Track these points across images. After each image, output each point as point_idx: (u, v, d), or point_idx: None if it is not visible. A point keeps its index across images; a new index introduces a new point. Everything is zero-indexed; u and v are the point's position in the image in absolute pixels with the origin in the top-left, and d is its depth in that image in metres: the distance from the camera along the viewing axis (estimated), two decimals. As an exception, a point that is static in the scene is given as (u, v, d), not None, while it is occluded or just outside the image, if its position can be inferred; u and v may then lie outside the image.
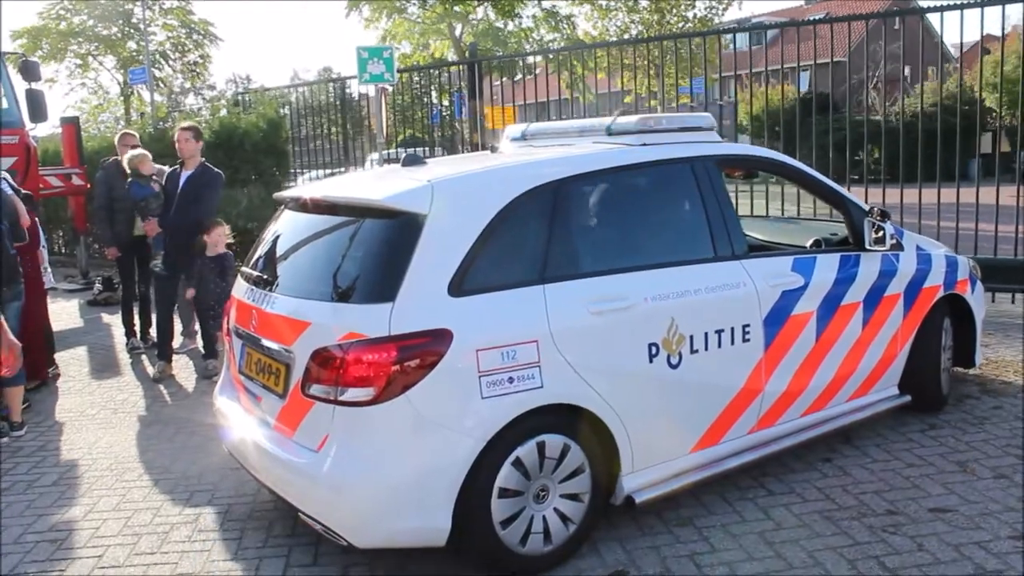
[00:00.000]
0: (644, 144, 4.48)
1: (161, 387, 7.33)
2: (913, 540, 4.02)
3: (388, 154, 12.37)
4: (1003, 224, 8.64)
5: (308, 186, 4.93)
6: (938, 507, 4.35)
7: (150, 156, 8.04)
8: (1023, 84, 10.86)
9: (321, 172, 13.26)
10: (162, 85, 28.46)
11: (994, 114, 21.04)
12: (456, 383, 3.55)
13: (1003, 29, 9.31)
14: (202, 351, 7.76)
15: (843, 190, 5.35)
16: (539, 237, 3.90)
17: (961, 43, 9.16)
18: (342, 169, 13.28)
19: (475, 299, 3.65)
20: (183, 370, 7.77)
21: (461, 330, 3.55)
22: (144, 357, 8.42)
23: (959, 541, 3.99)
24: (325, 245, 4.07)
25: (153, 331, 8.71)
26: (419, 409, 3.50)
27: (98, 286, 11.84)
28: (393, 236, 3.70)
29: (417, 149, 12.30)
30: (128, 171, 7.88)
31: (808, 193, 5.52)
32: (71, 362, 8.28)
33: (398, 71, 12.26)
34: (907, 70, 24.05)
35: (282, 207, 4.66)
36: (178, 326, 8.18)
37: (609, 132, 4.66)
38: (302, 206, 4.37)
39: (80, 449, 5.80)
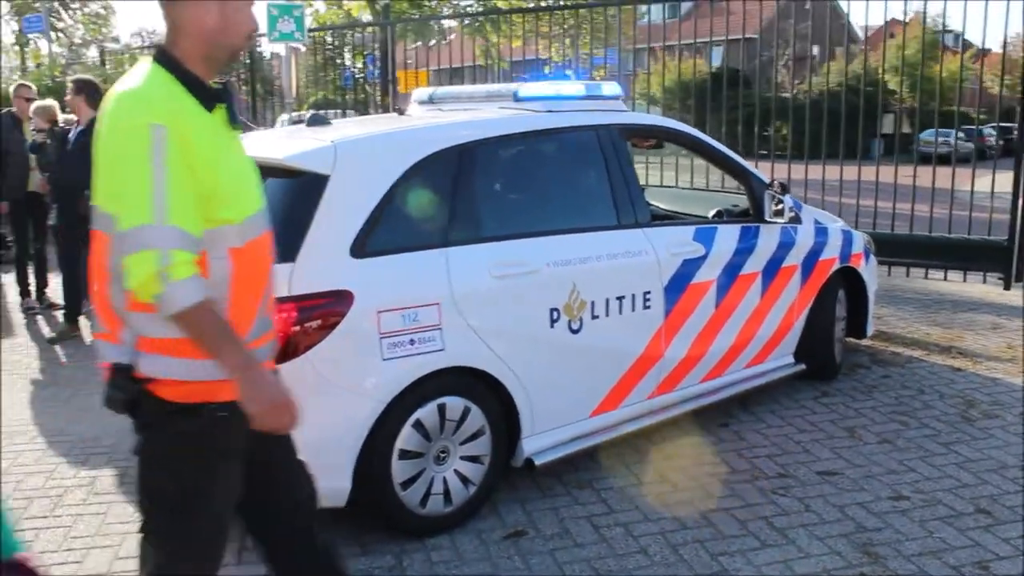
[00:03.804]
0: (550, 111, 4.50)
1: (57, 348, 7.11)
2: (801, 501, 4.18)
3: (299, 115, 12.13)
4: (900, 202, 8.95)
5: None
6: (826, 470, 4.52)
7: (48, 106, 7.79)
8: (922, 69, 11.21)
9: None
10: (61, 36, 27.27)
11: (896, 96, 21.71)
12: (357, 345, 3.53)
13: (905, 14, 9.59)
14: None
15: (745, 163, 5.47)
16: (443, 200, 3.89)
17: (866, 26, 9.43)
18: (251, 128, 12.98)
19: (377, 261, 3.63)
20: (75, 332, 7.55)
21: (363, 291, 3.54)
22: (40, 318, 8.15)
23: (843, 502, 4.16)
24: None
25: (49, 291, 8.45)
26: (319, 370, 3.48)
27: (-10, 243, 11.39)
28: (295, 196, 3.65)
29: (329, 111, 12.10)
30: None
31: (711, 165, 5.62)
32: (-40, 322, 7.97)
33: (310, 31, 12.02)
34: (816, 50, 24.62)
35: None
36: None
37: (516, 98, 4.66)
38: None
39: (-32, 411, 5.60)
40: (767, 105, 11.69)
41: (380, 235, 3.66)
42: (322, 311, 3.46)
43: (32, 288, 8.43)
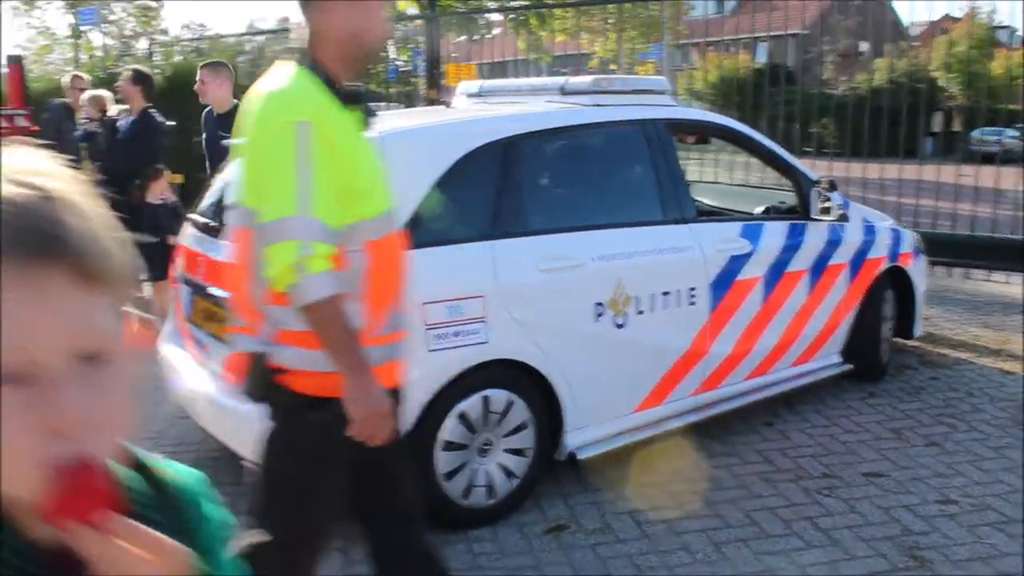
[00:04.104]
0: (597, 104, 4.48)
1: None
2: (846, 503, 4.13)
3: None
4: (947, 200, 8.81)
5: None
6: (872, 472, 4.46)
7: (99, 96, 7.93)
8: (969, 67, 11.01)
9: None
10: (113, 28, 27.71)
11: (946, 93, 21.35)
12: (403, 336, 3.54)
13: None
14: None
15: (792, 159, 5.41)
16: (489, 193, 3.90)
17: (912, 22, 9.26)
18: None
19: (423, 252, 3.63)
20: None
21: (408, 283, 3.54)
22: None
23: (889, 504, 4.10)
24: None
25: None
26: (365, 360, 3.50)
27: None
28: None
29: (373, 104, 12.10)
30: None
31: (758, 160, 5.57)
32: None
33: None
34: (866, 46, 24.27)
35: (232, 155, 4.59)
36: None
37: (563, 91, 4.65)
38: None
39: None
40: (813, 102, 11.49)
41: (426, 227, 3.67)
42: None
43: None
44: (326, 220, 2.11)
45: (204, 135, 6.61)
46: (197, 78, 6.44)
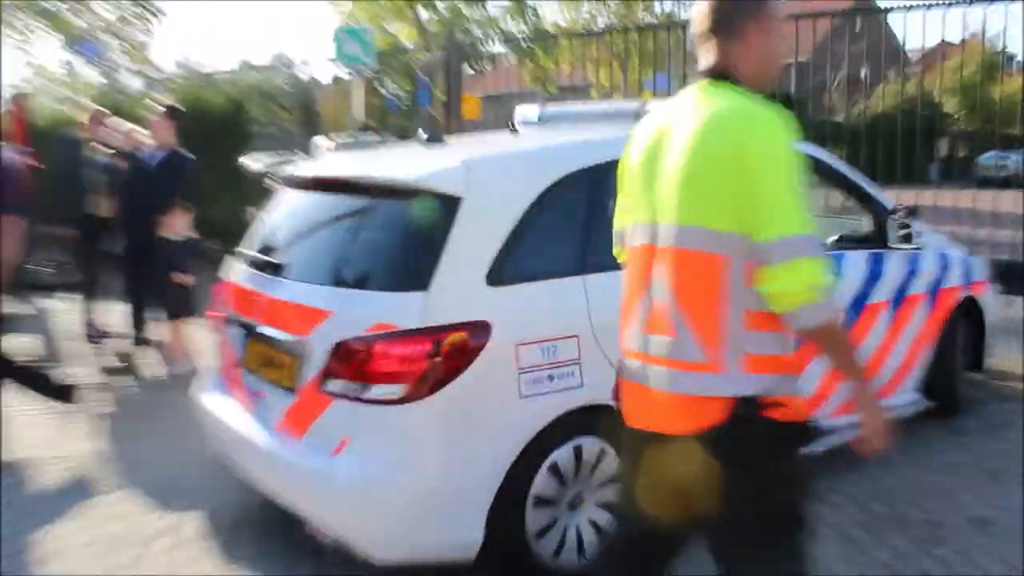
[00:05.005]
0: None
1: (126, 379, 6.83)
2: (959, 554, 3.80)
3: (338, 141, 11.87)
4: (955, 225, 8.56)
5: (318, 164, 4.54)
6: (977, 517, 4.14)
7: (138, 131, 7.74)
8: (975, 92, 10.84)
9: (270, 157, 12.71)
10: (107, 66, 27.44)
11: (951, 119, 21.25)
12: (494, 381, 3.22)
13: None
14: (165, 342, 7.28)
15: (869, 185, 5.12)
16: (579, 224, 3.58)
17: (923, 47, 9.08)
18: (295, 154, 12.74)
19: (514, 289, 3.33)
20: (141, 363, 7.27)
21: (500, 322, 3.23)
22: (103, 344, 7.86)
23: (1007, 554, 3.78)
24: (346, 228, 3.70)
25: (109, 319, 8.19)
26: (453, 409, 3.17)
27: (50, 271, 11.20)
28: (425, 219, 3.35)
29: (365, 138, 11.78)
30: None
31: (833, 187, 5.28)
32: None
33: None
34: (866, 72, 24.24)
35: (281, 185, 4.27)
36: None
37: (638, 117, 4.34)
38: (310, 185, 3.99)
39: (32, 448, 5.26)
40: (819, 129, 11.20)
41: (516, 261, 3.36)
42: (458, 344, 3.15)
43: (92, 316, 8.16)
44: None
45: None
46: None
